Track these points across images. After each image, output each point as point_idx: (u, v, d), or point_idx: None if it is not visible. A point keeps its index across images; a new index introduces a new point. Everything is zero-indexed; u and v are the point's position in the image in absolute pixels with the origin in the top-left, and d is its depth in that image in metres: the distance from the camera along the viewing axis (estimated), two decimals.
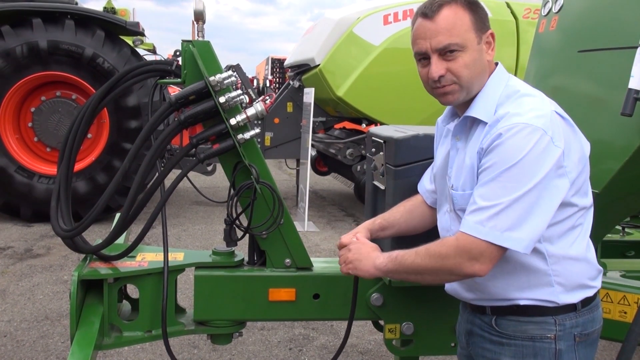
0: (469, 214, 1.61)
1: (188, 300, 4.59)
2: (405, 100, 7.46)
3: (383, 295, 2.46)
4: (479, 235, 1.56)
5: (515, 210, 1.54)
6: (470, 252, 1.57)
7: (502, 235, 1.55)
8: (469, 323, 1.86)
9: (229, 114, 2.25)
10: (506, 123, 1.57)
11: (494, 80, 1.72)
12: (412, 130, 2.38)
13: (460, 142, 1.78)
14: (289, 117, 8.41)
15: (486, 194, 1.57)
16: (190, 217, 7.98)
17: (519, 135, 1.54)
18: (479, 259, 1.58)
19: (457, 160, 1.77)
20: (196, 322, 2.46)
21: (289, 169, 10.48)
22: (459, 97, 1.71)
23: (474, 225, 1.57)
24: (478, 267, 1.58)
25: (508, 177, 1.54)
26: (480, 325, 1.80)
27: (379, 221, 2.10)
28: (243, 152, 2.28)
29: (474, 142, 1.69)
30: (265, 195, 2.36)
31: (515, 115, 1.58)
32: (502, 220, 1.54)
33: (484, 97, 1.70)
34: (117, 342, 2.39)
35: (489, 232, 1.55)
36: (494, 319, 1.75)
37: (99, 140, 7.33)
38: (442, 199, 1.88)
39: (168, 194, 2.29)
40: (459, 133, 1.78)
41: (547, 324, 1.68)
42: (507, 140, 1.55)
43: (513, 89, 1.69)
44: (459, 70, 1.66)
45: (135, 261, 2.44)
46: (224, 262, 2.45)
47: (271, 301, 2.43)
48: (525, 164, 1.53)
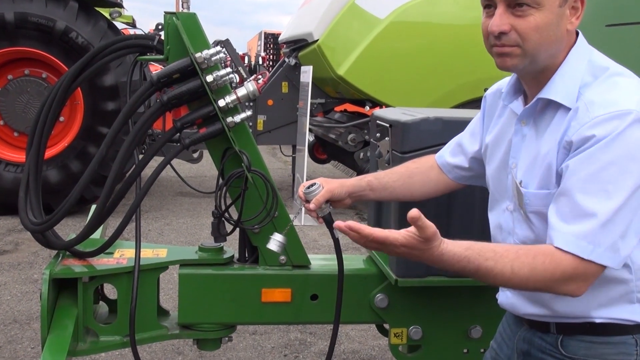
0: (564, 223, 1.48)
1: (172, 301, 4.60)
2: (413, 80, 7.44)
3: (388, 296, 2.47)
4: (582, 254, 1.45)
5: (620, 222, 1.45)
6: (568, 272, 1.47)
7: (604, 254, 1.45)
8: (525, 342, 1.73)
9: (217, 95, 2.25)
10: (604, 111, 1.46)
11: (575, 55, 1.58)
12: (422, 113, 2.38)
13: (527, 127, 1.65)
14: (284, 99, 8.38)
15: (585, 201, 1.45)
16: (174, 210, 7.99)
17: (624, 127, 1.43)
18: (576, 280, 1.47)
19: (526, 151, 1.64)
20: (181, 325, 2.47)
21: (284, 156, 10.48)
22: (519, 64, 1.57)
23: (575, 241, 1.46)
24: (575, 287, 1.48)
25: (611, 180, 1.44)
26: (540, 347, 1.68)
27: (368, 179, 2.04)
28: (233, 137, 2.28)
29: (552, 131, 1.56)
30: (258, 185, 2.36)
31: (614, 102, 1.46)
32: (606, 235, 1.45)
33: (564, 76, 1.57)
34: (93, 348, 2.40)
35: (593, 250, 1.45)
36: (560, 339, 1.64)
37: (72, 124, 7.31)
38: (500, 194, 1.75)
39: (149, 184, 2.28)
40: (526, 117, 1.65)
41: (627, 346, 1.58)
42: (610, 133, 1.43)
43: (599, 65, 1.57)
44: (527, 32, 1.52)
45: (112, 258, 2.44)
46: (212, 259, 2.46)
47: (264, 302, 2.44)
48: (632, 164, 1.43)
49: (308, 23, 7.80)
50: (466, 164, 1.99)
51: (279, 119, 8.39)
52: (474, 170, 1.97)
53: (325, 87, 8.29)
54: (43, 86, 7.25)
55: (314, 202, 1.95)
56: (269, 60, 17.40)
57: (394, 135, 2.39)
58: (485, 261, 1.49)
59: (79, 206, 6.39)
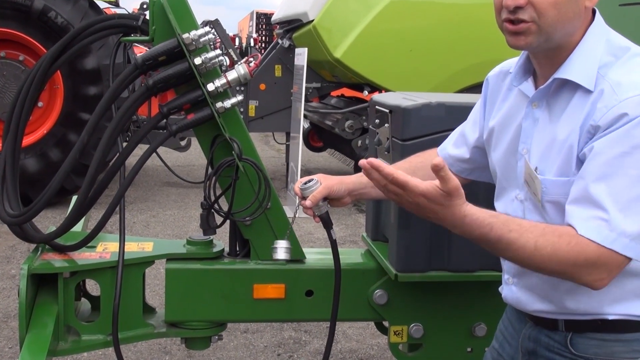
0: (584, 209, 1.47)
1: (158, 298, 4.60)
2: (414, 63, 7.43)
3: (387, 292, 2.48)
4: (604, 242, 1.44)
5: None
6: (592, 259, 1.45)
7: (629, 244, 1.44)
8: (530, 341, 1.73)
9: (206, 78, 2.24)
10: (634, 92, 1.44)
11: (593, 34, 1.57)
12: (423, 98, 2.37)
13: (539, 110, 1.63)
14: (277, 83, 8.36)
15: (608, 186, 1.44)
16: (160, 201, 7.98)
17: None
18: (599, 269, 1.46)
19: (540, 136, 1.62)
20: (168, 323, 2.47)
21: (277, 144, 10.47)
22: (533, 42, 1.55)
23: (596, 228, 1.45)
24: (597, 278, 1.47)
25: (637, 165, 1.42)
26: (548, 345, 1.68)
27: None
28: (223, 123, 2.28)
29: (571, 114, 1.55)
30: (249, 175, 2.36)
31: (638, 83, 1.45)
32: (631, 223, 1.43)
33: (583, 55, 1.55)
34: (74, 347, 2.40)
35: (616, 239, 1.44)
36: (569, 337, 1.63)
37: (51, 109, 7.29)
38: (509, 182, 1.74)
39: (133, 174, 2.28)
40: (539, 99, 1.63)
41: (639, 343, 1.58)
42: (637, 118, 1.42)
43: (619, 46, 1.56)
44: (544, 7, 1.50)
45: (95, 252, 2.44)
46: (201, 253, 2.46)
47: (256, 299, 2.44)
48: None
49: (303, 2, 7.77)
50: (467, 155, 1.99)
51: (271, 105, 8.37)
52: (476, 162, 1.97)
53: (321, 71, 8.27)
54: (20, 69, 7.22)
55: (310, 199, 1.94)
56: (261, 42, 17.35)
57: (394, 121, 2.38)
58: (509, 232, 1.47)
59: (59, 197, 6.36)
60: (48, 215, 6.57)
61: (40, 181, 6.75)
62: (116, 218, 2.38)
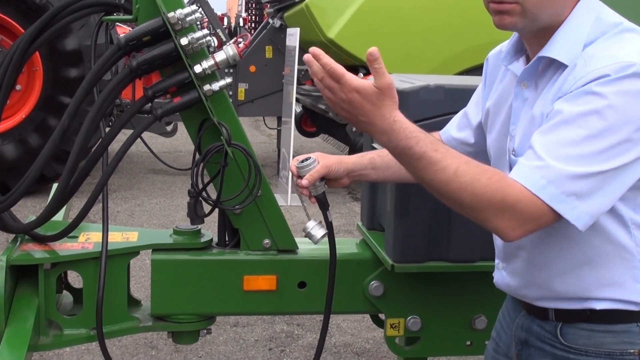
0: (526, 159, 1.49)
1: (144, 290, 4.61)
2: (412, 44, 7.42)
3: (384, 283, 2.48)
4: (531, 187, 1.44)
5: (592, 174, 1.43)
6: (508, 202, 1.45)
7: (559, 197, 1.44)
8: (523, 330, 1.75)
9: (193, 60, 2.24)
10: (601, 64, 1.46)
11: (581, 11, 1.58)
12: (421, 81, 2.38)
13: (528, 90, 1.65)
14: (267, 65, 8.35)
15: (556, 142, 1.45)
16: (145, 189, 7.98)
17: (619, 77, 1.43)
18: (513, 215, 1.46)
19: (526, 116, 1.64)
20: (154, 317, 2.47)
21: (268, 129, 10.46)
22: (518, 23, 1.57)
23: (528, 172, 1.46)
24: (509, 224, 1.47)
25: (590, 127, 1.43)
26: (539, 335, 1.70)
27: (371, 156, 2.04)
28: (211, 107, 2.27)
29: (549, 90, 1.58)
30: (239, 161, 2.36)
31: (614, 55, 1.46)
32: (569, 181, 1.43)
33: (567, 33, 1.57)
34: (56, 342, 2.40)
35: (545, 187, 1.44)
36: (559, 327, 1.66)
37: (30, 93, 7.26)
38: (502, 165, 1.75)
39: (117, 160, 2.28)
40: (527, 78, 1.66)
41: (630, 335, 1.59)
42: (602, 80, 1.44)
43: (608, 22, 1.56)
44: None
45: (77, 242, 2.44)
46: (188, 243, 2.46)
47: (246, 291, 2.45)
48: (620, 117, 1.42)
49: None
50: (472, 139, 2.00)
51: (262, 88, 8.36)
52: (480, 145, 1.97)
53: None
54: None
55: (307, 178, 1.95)
56: (251, 21, 17.28)
57: None
58: (434, 151, 1.49)
59: (38, 185, 6.36)
60: (27, 204, 6.56)
61: (19, 168, 6.73)
62: (99, 207, 2.38)
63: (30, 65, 7.11)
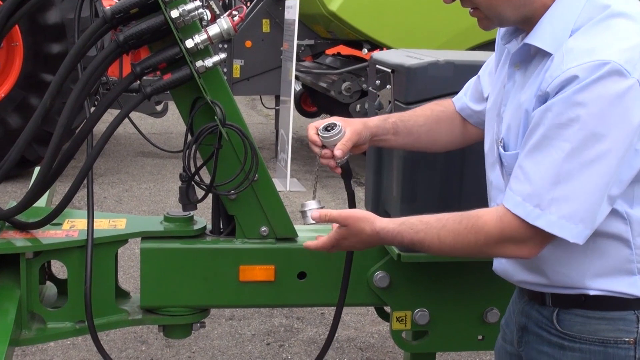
0: (514, 182, 1.59)
1: (133, 281, 4.62)
2: (419, 17, 7.40)
3: (389, 274, 2.49)
4: (528, 218, 1.55)
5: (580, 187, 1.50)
6: (516, 237, 1.59)
7: (557, 222, 1.53)
8: (523, 316, 1.82)
9: (185, 34, 2.23)
10: (576, 62, 1.49)
11: None
12: (430, 56, 2.37)
13: (519, 72, 1.70)
14: (265, 40, 8.32)
15: (539, 159, 1.53)
16: (134, 173, 7.98)
17: (592, 80, 1.46)
18: (526, 243, 1.59)
19: (514, 100, 1.69)
20: (144, 309, 2.48)
21: (265, 108, 10.44)
22: (491, 25, 1.68)
23: (521, 203, 1.56)
24: (527, 251, 1.61)
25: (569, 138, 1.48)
26: (537, 321, 1.76)
27: (393, 120, 2.07)
28: (204, 84, 2.27)
29: (534, 79, 1.62)
30: (234, 143, 2.36)
31: (591, 50, 1.49)
32: (562, 201, 1.51)
33: (553, 18, 1.59)
34: (39, 336, 2.41)
35: (541, 215, 1.53)
36: (555, 312, 1.71)
37: (9, 70, 7.25)
38: (493, 146, 1.82)
39: (103, 142, 2.28)
40: (519, 60, 1.70)
41: (626, 322, 1.64)
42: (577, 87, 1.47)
43: (598, 4, 1.56)
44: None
45: (61, 230, 2.44)
46: (180, 231, 2.47)
47: (243, 282, 2.45)
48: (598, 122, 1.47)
49: None
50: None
51: (259, 64, 8.34)
52: None
53: (314, 26, 8.22)
54: None
55: (340, 149, 1.95)
56: None
57: (397, 82, 2.38)
58: (417, 234, 1.70)
59: (19, 169, 6.36)
60: (7, 189, 6.57)
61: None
62: (84, 192, 2.38)
63: (9, 41, 7.09)
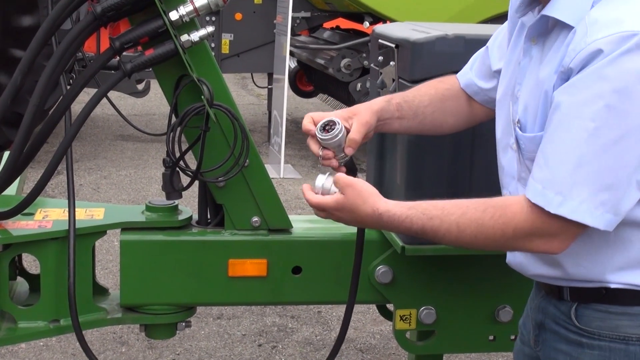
0: (535, 168, 1.60)
1: (112, 276, 4.62)
2: None
3: (392, 269, 2.49)
4: (549, 207, 1.55)
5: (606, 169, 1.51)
6: (547, 230, 1.58)
7: (581, 209, 1.53)
8: (540, 312, 1.84)
9: (168, 5, 2.22)
10: (602, 33, 1.49)
11: None
12: (437, 30, 2.37)
13: (536, 47, 1.71)
14: (256, 12, 8.31)
15: (562, 142, 1.53)
16: (113, 158, 7.98)
17: (619, 53, 1.46)
18: (558, 237, 1.59)
19: (531, 77, 1.70)
20: (124, 307, 2.49)
21: (257, 87, 10.44)
22: None
23: (542, 191, 1.56)
24: (544, 243, 1.61)
25: (595, 117, 1.49)
26: (554, 317, 1.77)
27: (397, 101, 2.05)
28: (189, 61, 2.26)
29: (553, 54, 1.63)
30: (223, 125, 2.36)
31: (618, 21, 1.49)
32: (585, 185, 1.51)
33: None
34: (9, 337, 2.41)
35: (563, 202, 1.53)
36: (573, 307, 1.72)
37: None
38: (505, 128, 1.83)
39: (79, 124, 2.27)
40: (536, 34, 1.71)
41: None
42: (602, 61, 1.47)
43: None
44: None
45: (33, 220, 2.44)
46: (163, 221, 2.47)
47: (232, 277, 2.46)
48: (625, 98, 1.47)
49: None
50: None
51: (250, 39, 8.33)
52: None
53: None
54: None
55: (351, 147, 1.93)
56: None
57: (402, 58, 2.37)
58: (430, 220, 1.67)
59: None
60: None
61: None
62: (57, 180, 2.38)
63: None
